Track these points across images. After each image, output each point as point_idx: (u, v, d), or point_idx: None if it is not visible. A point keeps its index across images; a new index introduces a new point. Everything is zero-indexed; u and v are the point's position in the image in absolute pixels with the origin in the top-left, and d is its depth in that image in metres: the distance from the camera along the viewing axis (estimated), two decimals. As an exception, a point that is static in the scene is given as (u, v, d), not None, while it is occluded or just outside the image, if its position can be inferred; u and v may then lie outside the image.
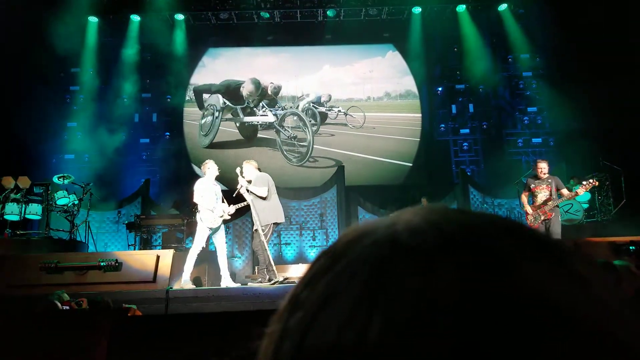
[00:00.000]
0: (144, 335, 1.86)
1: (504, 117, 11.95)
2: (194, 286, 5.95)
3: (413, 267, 0.26)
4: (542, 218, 6.45)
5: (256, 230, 6.13)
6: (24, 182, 7.79)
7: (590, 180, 6.43)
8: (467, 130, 11.86)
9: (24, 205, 7.48)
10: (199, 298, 5.08)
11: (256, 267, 8.79)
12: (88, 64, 11.48)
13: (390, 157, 11.69)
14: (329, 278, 0.28)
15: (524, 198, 6.67)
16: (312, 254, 9.90)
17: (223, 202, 6.23)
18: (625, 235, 6.22)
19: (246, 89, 11.84)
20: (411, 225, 0.29)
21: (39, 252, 6.01)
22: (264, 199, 6.10)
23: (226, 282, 6.00)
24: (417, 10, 11.76)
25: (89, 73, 11.47)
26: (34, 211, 7.62)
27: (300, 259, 9.78)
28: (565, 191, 6.43)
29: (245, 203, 6.28)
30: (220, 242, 6.20)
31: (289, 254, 9.89)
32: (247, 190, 6.14)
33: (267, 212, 6.11)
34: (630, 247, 5.77)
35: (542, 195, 6.50)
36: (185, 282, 5.78)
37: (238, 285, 6.18)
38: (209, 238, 6.22)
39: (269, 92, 11.82)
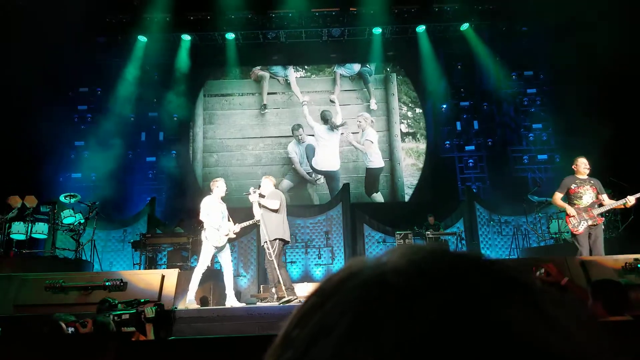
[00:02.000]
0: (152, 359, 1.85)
1: (509, 133, 11.95)
2: (199, 306, 5.92)
3: (397, 307, 0.27)
4: (590, 223, 5.60)
5: (263, 245, 6.13)
6: (31, 201, 7.84)
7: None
8: (472, 147, 11.86)
9: (30, 224, 7.51)
10: (204, 318, 5.05)
11: (261, 286, 8.76)
12: (96, 83, 11.64)
13: (396, 172, 11.70)
14: (318, 317, 0.29)
15: (560, 200, 5.82)
16: (318, 272, 9.85)
17: (229, 220, 6.24)
18: (633, 253, 6.14)
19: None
20: (396, 267, 0.30)
21: (44, 271, 6.00)
22: (275, 211, 6.11)
23: (231, 301, 5.97)
24: (421, 28, 11.87)
25: (97, 93, 11.61)
26: (40, 230, 7.65)
27: (306, 277, 9.73)
28: (606, 197, 5.71)
29: (251, 222, 6.30)
30: (226, 261, 6.18)
31: (294, 273, 9.84)
32: (259, 205, 6.16)
33: (275, 227, 6.13)
34: (639, 265, 5.68)
35: (587, 196, 5.67)
36: (190, 301, 5.75)
37: (243, 305, 6.15)
38: (214, 257, 6.21)
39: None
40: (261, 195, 6.24)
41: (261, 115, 12.04)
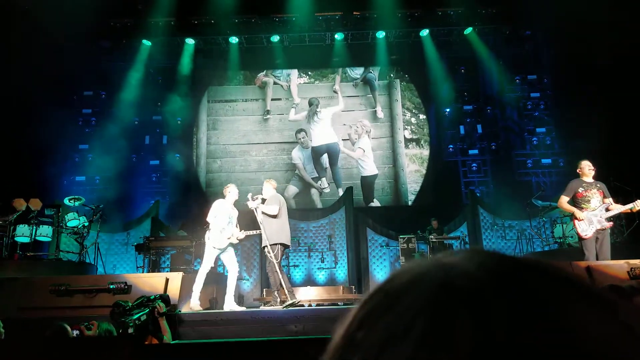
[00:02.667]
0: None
1: (513, 137, 11.94)
2: (201, 308, 5.92)
3: (471, 312, 0.26)
4: (599, 227, 5.51)
5: (264, 249, 6.12)
6: (35, 204, 7.86)
7: None
8: (475, 151, 11.85)
9: (34, 227, 7.53)
10: (208, 321, 5.04)
11: (264, 290, 8.75)
12: (100, 87, 11.69)
13: (401, 177, 11.69)
14: (389, 320, 0.28)
15: (566, 204, 5.68)
16: (321, 276, 9.83)
17: (237, 227, 6.26)
18: (639, 258, 6.10)
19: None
20: (465, 270, 0.29)
21: (49, 274, 6.02)
22: (274, 217, 6.12)
23: (229, 305, 5.94)
24: (424, 32, 11.89)
25: (101, 96, 11.66)
26: (45, 233, 7.66)
27: (308, 281, 9.71)
28: (612, 201, 5.58)
29: (257, 231, 6.32)
30: (230, 263, 6.17)
31: (297, 276, 9.83)
32: (256, 209, 6.19)
33: (275, 231, 6.15)
34: (644, 270, 5.64)
35: (595, 200, 5.57)
36: (194, 304, 5.76)
37: (243, 308, 6.13)
38: (218, 259, 6.21)
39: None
40: (263, 200, 6.26)
41: (264, 121, 12.05)
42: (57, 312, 4.82)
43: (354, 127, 11.91)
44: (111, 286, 5.32)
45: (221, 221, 6.08)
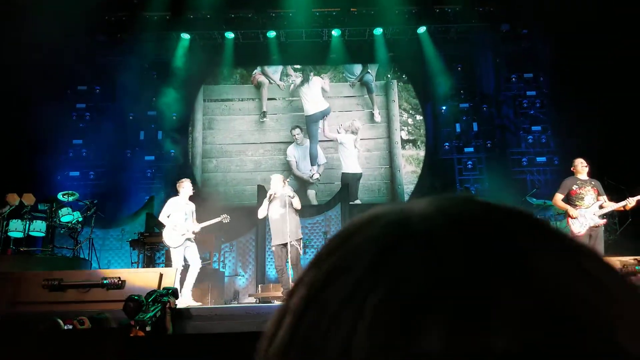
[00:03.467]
0: (148, 356, 1.84)
1: (508, 136, 11.96)
2: (196, 303, 5.93)
3: (420, 249, 0.26)
4: (592, 225, 5.53)
5: (291, 244, 6.10)
6: (29, 199, 7.82)
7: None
8: (471, 149, 11.86)
9: (28, 222, 7.49)
10: (202, 317, 5.03)
11: (259, 285, 8.73)
12: (94, 82, 11.61)
13: (395, 175, 11.70)
14: (336, 257, 0.28)
15: (560, 202, 5.71)
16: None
17: (193, 221, 6.35)
18: (631, 255, 6.13)
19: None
20: (422, 212, 0.29)
21: (42, 269, 5.99)
22: (297, 212, 6.27)
23: (186, 300, 5.95)
24: (421, 30, 11.88)
25: (95, 91, 11.58)
26: (38, 228, 7.62)
27: (303, 277, 9.70)
28: (606, 199, 5.59)
29: (214, 221, 6.41)
30: (192, 259, 6.25)
31: (292, 273, 9.81)
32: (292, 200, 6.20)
33: (296, 226, 6.28)
34: (637, 267, 5.68)
35: (589, 198, 5.59)
36: (187, 300, 5.80)
37: (199, 304, 6.12)
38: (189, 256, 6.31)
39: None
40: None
41: (260, 121, 12.00)
42: (49, 307, 4.80)
43: (344, 124, 11.88)
44: (104, 281, 5.30)
45: (177, 218, 6.20)
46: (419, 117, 12.12)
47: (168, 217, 6.25)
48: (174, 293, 3.60)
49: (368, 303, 0.24)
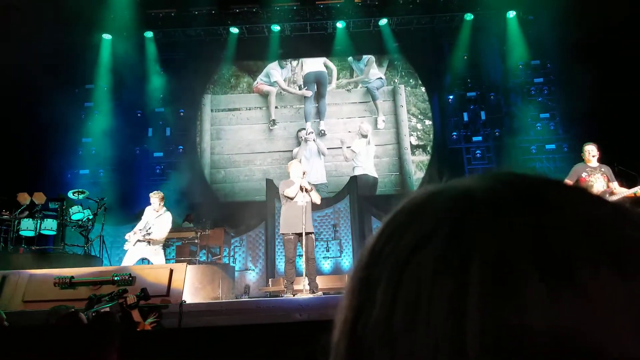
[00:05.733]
0: (154, 350, 1.85)
1: (517, 123, 11.84)
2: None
3: (493, 217, 0.28)
4: None
5: (309, 235, 6.09)
6: (39, 198, 7.90)
7: None
8: (479, 138, 11.77)
9: (39, 221, 7.57)
10: (213, 312, 5.07)
11: (270, 279, 8.77)
12: (102, 80, 11.66)
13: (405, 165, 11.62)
14: (415, 228, 0.30)
15: None
16: (327, 265, 9.84)
17: (147, 231, 6.72)
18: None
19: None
20: (483, 185, 0.31)
21: (53, 267, 6.05)
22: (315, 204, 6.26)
23: None
24: (425, 20, 11.77)
25: (103, 89, 11.64)
26: (49, 226, 7.70)
27: (313, 270, 9.71)
28: (617, 185, 5.52)
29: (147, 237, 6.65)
30: (155, 261, 6.61)
31: (301, 266, 9.84)
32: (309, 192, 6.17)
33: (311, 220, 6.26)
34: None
35: (599, 185, 5.53)
36: None
37: None
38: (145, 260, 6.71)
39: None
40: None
41: (269, 130, 11.85)
42: (61, 304, 4.84)
43: (352, 131, 11.74)
44: (116, 278, 5.34)
45: (138, 225, 6.77)
46: (428, 122, 11.92)
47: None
48: (143, 292, 3.70)
49: (473, 265, 0.26)
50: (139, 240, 6.62)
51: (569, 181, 5.74)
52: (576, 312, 0.24)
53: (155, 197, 6.99)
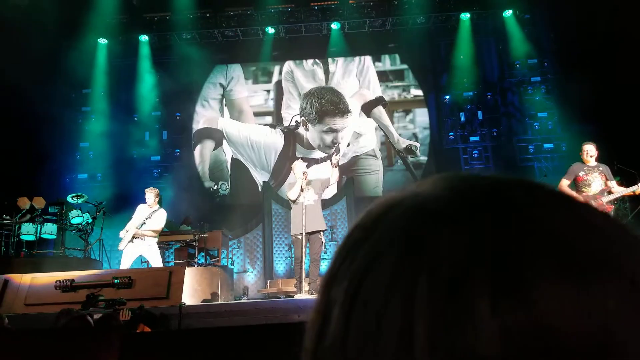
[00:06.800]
0: (155, 351, 1.88)
1: (514, 123, 11.87)
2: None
3: (442, 230, 0.28)
4: None
5: (315, 235, 6.06)
6: (39, 202, 7.93)
7: None
8: (477, 138, 11.79)
9: (39, 225, 7.60)
10: (212, 313, 5.09)
11: (268, 281, 8.79)
12: (99, 84, 11.69)
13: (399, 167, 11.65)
14: (367, 248, 0.30)
15: (566, 187, 5.60)
16: (323, 266, 9.85)
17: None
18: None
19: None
20: (434, 194, 0.31)
21: (54, 271, 6.08)
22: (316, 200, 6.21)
23: None
24: (421, 19, 11.80)
25: (100, 94, 11.67)
26: (49, 231, 7.74)
27: (311, 271, 9.73)
28: (615, 184, 5.53)
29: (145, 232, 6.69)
30: (153, 262, 6.70)
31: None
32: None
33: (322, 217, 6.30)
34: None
35: (596, 184, 5.51)
36: None
37: None
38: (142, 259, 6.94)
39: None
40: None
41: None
42: (62, 307, 4.87)
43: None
44: (116, 281, 5.38)
45: (132, 223, 6.77)
46: (424, 123, 11.88)
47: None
48: (139, 309, 3.76)
49: (419, 285, 0.26)
50: (134, 237, 6.64)
51: (566, 180, 5.78)
52: (528, 329, 0.24)
53: (151, 193, 7.06)
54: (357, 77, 12.08)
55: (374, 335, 0.26)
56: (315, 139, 11.38)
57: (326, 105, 11.44)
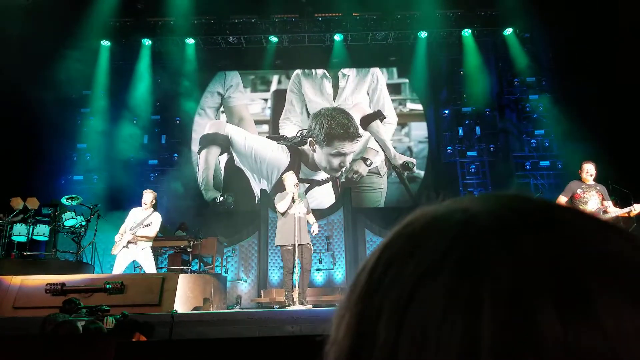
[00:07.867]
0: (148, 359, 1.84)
1: (511, 139, 11.93)
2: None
3: (503, 247, 0.27)
4: None
5: (305, 246, 6.25)
6: (33, 203, 7.85)
7: None
8: (474, 153, 11.84)
9: (31, 226, 7.51)
10: (204, 322, 5.03)
11: (262, 290, 8.72)
12: (99, 86, 11.66)
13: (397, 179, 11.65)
14: (420, 257, 0.29)
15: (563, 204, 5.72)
16: (319, 277, 9.81)
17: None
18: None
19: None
20: (487, 209, 0.30)
21: (45, 274, 6.00)
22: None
23: None
24: (423, 34, 11.89)
25: (100, 95, 11.64)
26: (42, 232, 7.64)
27: (306, 282, 9.67)
28: (611, 204, 5.60)
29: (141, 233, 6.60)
30: (146, 268, 6.62)
31: (295, 277, 9.79)
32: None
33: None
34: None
35: (593, 202, 5.56)
36: None
37: None
38: (134, 264, 6.85)
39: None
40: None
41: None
42: (52, 311, 4.80)
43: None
44: (107, 286, 5.31)
45: (124, 226, 6.69)
46: (423, 136, 11.97)
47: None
48: (123, 317, 3.71)
49: (482, 294, 0.25)
50: (129, 242, 6.55)
51: (563, 197, 5.79)
52: (594, 347, 0.24)
53: (149, 193, 6.98)
54: (367, 94, 12.10)
55: (432, 344, 0.25)
56: (322, 161, 11.36)
57: (336, 128, 11.40)
